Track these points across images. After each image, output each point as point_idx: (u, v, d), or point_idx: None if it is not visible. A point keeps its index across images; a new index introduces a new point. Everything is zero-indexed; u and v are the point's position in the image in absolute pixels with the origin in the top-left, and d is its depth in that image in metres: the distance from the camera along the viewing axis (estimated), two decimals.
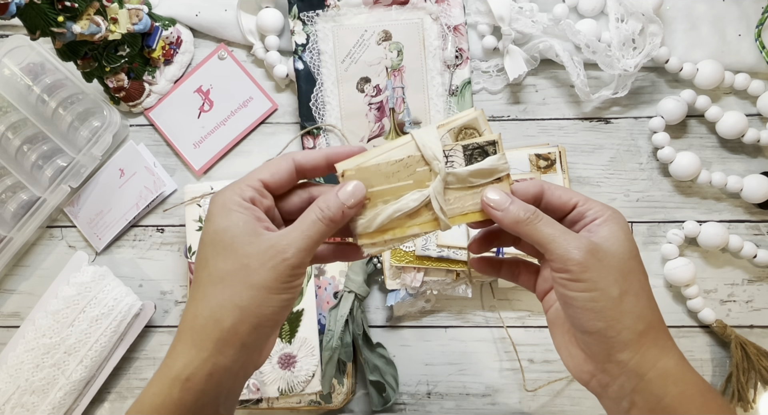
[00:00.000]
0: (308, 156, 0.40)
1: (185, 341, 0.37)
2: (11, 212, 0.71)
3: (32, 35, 0.60)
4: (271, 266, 0.36)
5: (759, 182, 0.66)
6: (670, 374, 0.36)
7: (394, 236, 0.39)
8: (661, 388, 0.36)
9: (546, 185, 0.40)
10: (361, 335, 0.66)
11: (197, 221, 0.69)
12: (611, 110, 0.70)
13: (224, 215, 0.37)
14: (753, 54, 0.67)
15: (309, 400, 0.66)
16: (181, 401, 0.36)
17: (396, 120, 0.70)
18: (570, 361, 0.40)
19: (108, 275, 0.71)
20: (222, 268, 0.37)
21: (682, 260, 0.67)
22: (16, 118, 0.71)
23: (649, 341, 0.37)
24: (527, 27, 0.67)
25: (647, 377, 0.36)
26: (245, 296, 0.36)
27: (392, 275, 0.66)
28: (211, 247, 0.37)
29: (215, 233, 0.37)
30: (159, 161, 0.74)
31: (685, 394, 0.36)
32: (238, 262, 0.36)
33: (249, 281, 0.36)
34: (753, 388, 0.66)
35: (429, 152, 0.38)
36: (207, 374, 0.37)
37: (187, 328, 0.37)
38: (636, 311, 0.37)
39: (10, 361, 0.68)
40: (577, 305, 0.37)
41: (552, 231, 0.37)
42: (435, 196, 0.38)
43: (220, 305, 0.36)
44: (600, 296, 0.36)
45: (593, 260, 0.36)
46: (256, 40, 0.72)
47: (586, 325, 0.37)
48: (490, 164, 0.38)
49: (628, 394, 0.37)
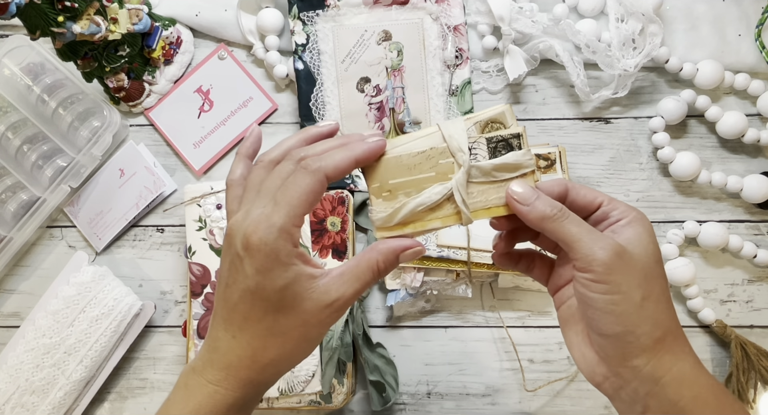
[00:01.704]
0: (339, 167, 0.37)
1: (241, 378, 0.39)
2: (11, 212, 0.71)
3: (32, 35, 0.60)
4: (327, 323, 0.39)
5: (759, 182, 0.66)
6: (684, 378, 0.36)
7: (415, 230, 0.38)
8: (675, 392, 0.36)
9: (571, 184, 0.39)
10: (361, 335, 0.66)
11: (197, 221, 0.69)
12: (611, 110, 0.70)
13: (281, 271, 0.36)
14: (753, 54, 0.67)
15: (309, 400, 0.66)
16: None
17: (396, 120, 0.70)
18: (582, 361, 0.39)
19: (108, 275, 0.71)
20: (284, 324, 0.38)
21: (682, 260, 0.67)
22: (16, 118, 0.71)
23: (665, 347, 0.36)
24: (527, 27, 0.67)
25: (662, 381, 0.36)
26: (301, 348, 0.40)
27: (392, 275, 0.66)
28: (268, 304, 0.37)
29: (273, 291, 0.36)
30: (159, 161, 0.74)
31: (699, 397, 0.36)
32: (299, 319, 0.38)
33: (307, 336, 0.39)
34: (753, 388, 0.66)
35: (455, 143, 0.37)
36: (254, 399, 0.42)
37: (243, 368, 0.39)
38: (655, 316, 0.36)
39: (10, 361, 0.68)
40: (597, 307, 0.36)
41: (578, 229, 0.36)
42: (458, 189, 0.37)
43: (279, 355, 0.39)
44: (622, 300, 0.35)
45: (618, 262, 0.35)
46: (256, 40, 0.72)
47: (604, 328, 0.36)
48: (515, 159, 0.37)
49: (642, 398, 0.36)
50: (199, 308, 0.68)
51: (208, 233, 0.69)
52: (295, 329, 0.38)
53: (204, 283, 0.68)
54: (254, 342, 0.39)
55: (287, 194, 0.36)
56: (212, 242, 0.69)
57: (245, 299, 0.37)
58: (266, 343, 0.38)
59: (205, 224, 0.69)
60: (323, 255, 0.68)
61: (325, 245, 0.68)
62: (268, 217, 0.36)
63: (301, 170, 0.37)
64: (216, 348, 0.39)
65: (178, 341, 0.72)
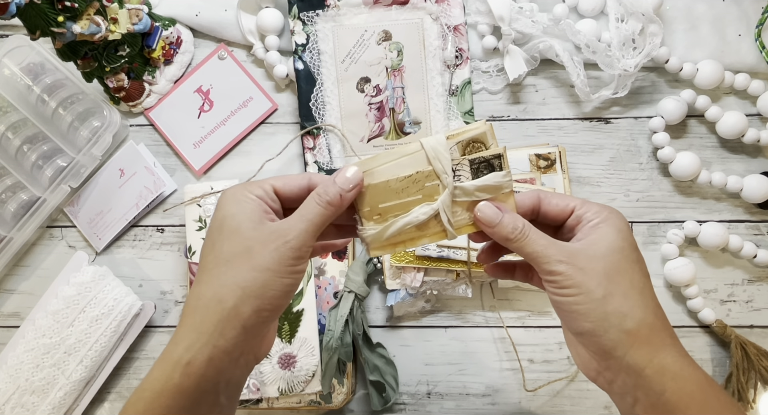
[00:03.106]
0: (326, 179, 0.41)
1: (187, 325, 0.38)
2: (11, 212, 0.71)
3: (32, 35, 0.60)
4: (273, 248, 0.38)
5: (759, 182, 0.66)
6: (667, 370, 0.37)
7: (405, 247, 0.41)
8: (659, 384, 0.37)
9: (542, 194, 0.42)
10: (361, 335, 0.66)
11: (197, 221, 0.69)
12: (611, 110, 0.70)
13: (233, 204, 0.39)
14: (753, 54, 0.67)
15: (309, 400, 0.66)
16: (182, 385, 0.37)
17: (396, 120, 0.70)
18: (578, 359, 0.42)
19: (108, 275, 0.71)
20: (227, 250, 0.38)
21: (682, 260, 0.67)
22: (16, 118, 0.71)
23: (641, 339, 0.37)
24: (527, 27, 0.67)
25: (644, 373, 0.37)
26: (248, 277, 0.38)
27: (392, 275, 0.66)
28: (218, 232, 0.39)
29: (223, 218, 0.39)
30: (159, 161, 0.74)
31: (684, 390, 0.37)
32: (242, 244, 0.38)
33: (252, 263, 0.38)
34: (753, 388, 0.66)
35: (439, 166, 0.39)
36: (207, 358, 0.37)
37: (190, 310, 0.38)
38: (623, 310, 0.37)
39: (10, 361, 0.68)
40: (564, 309, 0.39)
41: (536, 248, 0.39)
42: (443, 210, 0.39)
43: (222, 285, 0.38)
44: (584, 299, 0.38)
45: (575, 269, 0.38)
46: (256, 40, 0.72)
47: (575, 326, 0.39)
48: (496, 181, 0.39)
49: (631, 390, 0.38)
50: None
51: None
52: (237, 256, 0.38)
53: None
54: (201, 276, 0.39)
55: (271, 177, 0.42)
56: None
57: (206, 236, 0.40)
58: (210, 273, 0.38)
59: (205, 224, 0.69)
60: (323, 255, 0.68)
61: None
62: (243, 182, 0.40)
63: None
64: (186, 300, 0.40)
65: None
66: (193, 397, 0.37)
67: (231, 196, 0.40)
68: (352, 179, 0.39)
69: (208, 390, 0.38)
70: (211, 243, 0.39)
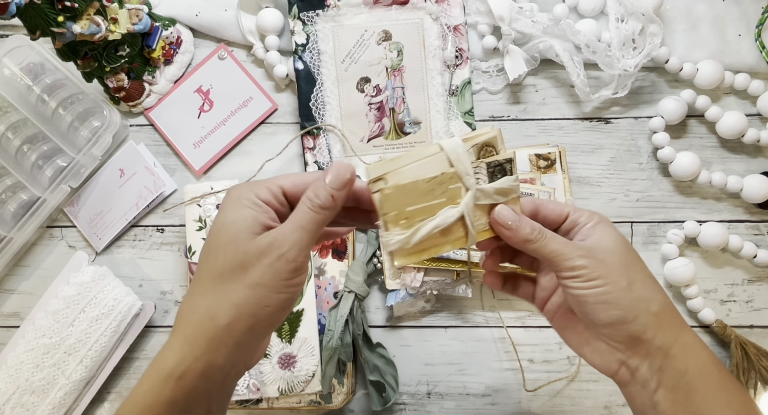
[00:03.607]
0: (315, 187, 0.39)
1: (179, 337, 0.37)
2: (11, 212, 0.71)
3: (32, 35, 0.60)
4: (267, 263, 0.36)
5: (759, 182, 0.66)
6: (690, 347, 0.39)
7: (430, 255, 0.40)
8: (683, 362, 0.39)
9: (539, 201, 0.43)
10: (361, 335, 0.66)
11: (197, 221, 0.69)
12: (611, 110, 0.70)
13: (235, 209, 0.37)
14: (753, 54, 0.67)
15: (309, 400, 0.66)
16: (173, 399, 0.36)
17: (396, 120, 0.70)
18: (596, 356, 0.42)
19: (108, 275, 0.71)
20: (222, 263, 0.37)
21: (682, 260, 0.67)
22: (16, 118, 0.71)
23: (666, 320, 0.39)
24: (527, 27, 0.67)
25: (671, 352, 0.39)
26: (242, 295, 0.36)
27: (392, 275, 0.66)
28: (215, 240, 0.37)
29: (222, 224, 0.37)
30: (159, 161, 0.74)
31: (704, 369, 0.39)
32: (237, 258, 0.36)
33: (247, 279, 0.36)
34: (753, 388, 0.66)
35: (462, 167, 0.39)
36: (200, 373, 0.36)
37: (183, 322, 0.37)
38: (647, 294, 0.39)
39: (10, 361, 0.68)
40: (592, 302, 0.39)
41: (556, 247, 0.40)
42: (467, 212, 0.39)
43: (216, 302, 0.36)
44: (612, 288, 0.39)
45: (596, 262, 0.39)
46: (256, 40, 0.72)
47: (605, 317, 0.39)
48: (509, 184, 0.40)
49: (656, 373, 0.39)
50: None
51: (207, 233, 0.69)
52: (232, 271, 0.36)
53: None
54: (195, 288, 0.37)
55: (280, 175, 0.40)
56: None
57: (206, 240, 0.39)
58: (204, 287, 0.37)
59: (205, 224, 0.69)
60: (323, 255, 0.68)
61: (325, 246, 0.68)
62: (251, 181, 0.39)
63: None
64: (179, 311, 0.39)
65: None
66: (185, 409, 0.37)
67: (235, 199, 0.38)
68: (341, 177, 0.38)
69: (199, 401, 0.37)
70: (207, 251, 0.38)
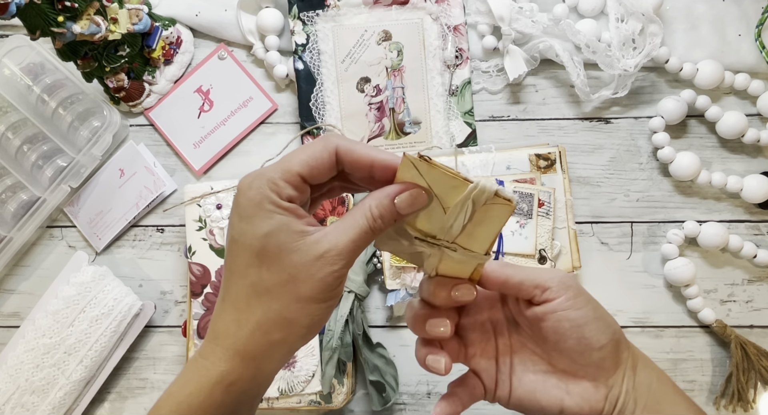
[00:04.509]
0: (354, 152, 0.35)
1: (227, 348, 0.36)
2: (11, 212, 0.71)
3: (32, 35, 0.60)
4: (319, 279, 0.34)
5: (759, 182, 0.66)
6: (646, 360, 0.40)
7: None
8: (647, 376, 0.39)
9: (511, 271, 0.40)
10: (361, 335, 0.66)
11: (197, 221, 0.69)
12: (611, 110, 0.70)
13: (264, 218, 0.34)
14: (753, 54, 0.67)
15: (309, 400, 0.66)
16: (223, 402, 0.36)
17: (396, 120, 0.70)
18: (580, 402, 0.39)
19: (108, 275, 0.71)
20: (267, 279, 0.34)
21: (682, 260, 0.67)
22: (16, 118, 0.71)
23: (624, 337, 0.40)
24: (527, 27, 0.67)
25: (638, 367, 0.39)
26: (293, 309, 0.35)
27: (392, 275, 0.66)
28: (250, 254, 0.35)
29: (255, 238, 0.34)
30: (159, 161, 0.74)
31: (661, 379, 0.40)
32: (285, 273, 0.34)
33: (297, 294, 0.34)
34: (753, 388, 0.65)
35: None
36: (251, 379, 0.36)
37: (230, 335, 0.36)
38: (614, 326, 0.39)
39: (10, 361, 0.68)
40: (584, 321, 0.38)
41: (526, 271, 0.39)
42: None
43: (267, 319, 0.35)
44: (597, 307, 0.39)
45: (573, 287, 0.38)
46: (256, 40, 0.72)
47: (601, 337, 0.38)
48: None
49: (631, 392, 0.39)
50: (199, 308, 0.68)
51: (208, 233, 0.69)
52: (281, 286, 0.34)
53: (204, 283, 0.68)
54: (238, 302, 0.35)
55: (290, 155, 0.35)
56: (212, 242, 0.69)
57: (230, 251, 0.36)
58: (250, 302, 0.35)
59: (205, 224, 0.69)
60: None
61: None
62: (262, 172, 0.35)
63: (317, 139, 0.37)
64: (213, 319, 0.37)
65: (178, 341, 0.72)
66: (233, 411, 0.37)
67: (257, 205, 0.34)
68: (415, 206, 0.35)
69: (246, 403, 0.37)
70: (244, 266, 0.35)
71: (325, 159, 0.35)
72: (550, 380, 0.40)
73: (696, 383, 0.68)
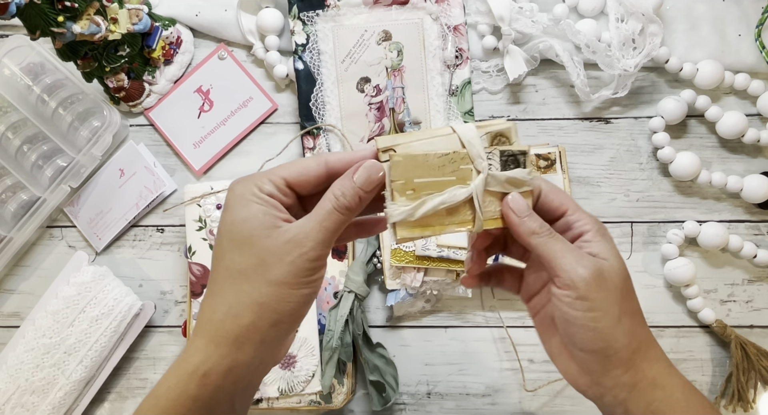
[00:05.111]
0: (343, 160, 0.38)
1: (202, 336, 0.37)
2: (11, 212, 0.71)
3: (32, 35, 0.60)
4: (289, 261, 0.35)
5: (759, 182, 0.66)
6: (657, 381, 0.38)
7: (433, 233, 0.39)
8: (649, 394, 0.38)
9: (545, 186, 0.40)
10: (361, 335, 0.66)
11: (197, 221, 0.69)
12: (611, 110, 0.70)
13: (242, 206, 0.36)
14: (753, 54, 0.67)
15: (309, 400, 0.66)
16: (198, 395, 0.36)
17: (396, 120, 0.70)
18: (566, 372, 0.41)
19: (108, 275, 0.71)
20: (239, 262, 0.36)
21: (682, 260, 0.67)
22: (16, 118, 0.71)
23: (640, 356, 0.38)
24: (527, 27, 0.67)
25: (638, 386, 0.38)
26: (264, 292, 0.36)
27: (392, 275, 0.66)
28: (228, 239, 0.37)
29: (233, 224, 0.36)
30: (159, 161, 0.74)
31: (671, 397, 0.38)
32: (255, 256, 0.36)
33: (267, 277, 0.36)
34: (753, 388, 0.66)
35: (475, 150, 0.38)
36: (226, 370, 0.36)
37: (205, 322, 0.37)
38: (632, 330, 0.38)
39: (10, 361, 0.68)
40: (578, 324, 0.37)
41: (561, 247, 0.38)
42: (476, 194, 0.38)
43: (238, 301, 0.36)
44: (602, 317, 0.37)
45: (598, 280, 0.37)
46: (256, 40, 0.72)
47: (586, 345, 0.38)
48: (522, 175, 0.39)
49: (621, 402, 0.38)
50: (199, 308, 0.68)
51: (208, 233, 0.69)
52: (252, 269, 0.36)
53: (204, 283, 0.68)
54: (214, 287, 0.37)
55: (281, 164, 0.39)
56: (212, 242, 0.69)
57: (216, 241, 0.38)
58: (224, 285, 0.36)
59: (205, 224, 0.69)
60: None
61: None
62: (252, 174, 0.38)
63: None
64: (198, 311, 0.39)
65: (178, 341, 0.72)
66: (209, 406, 0.36)
67: (239, 196, 0.37)
68: (371, 179, 0.37)
69: (223, 400, 0.37)
70: (221, 251, 0.37)
71: (313, 168, 0.38)
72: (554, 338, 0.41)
73: (696, 383, 0.68)
